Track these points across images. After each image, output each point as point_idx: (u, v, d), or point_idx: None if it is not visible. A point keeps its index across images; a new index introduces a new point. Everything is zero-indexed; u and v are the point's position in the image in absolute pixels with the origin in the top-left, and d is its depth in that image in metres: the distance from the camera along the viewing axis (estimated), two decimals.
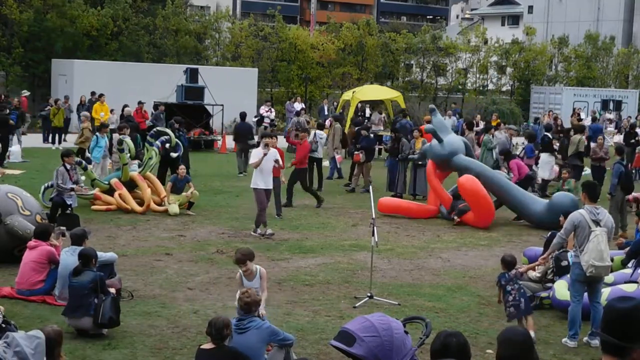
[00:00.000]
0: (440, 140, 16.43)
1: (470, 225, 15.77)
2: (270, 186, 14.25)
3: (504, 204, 16.52)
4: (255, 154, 14.20)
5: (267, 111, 29.52)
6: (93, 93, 28.88)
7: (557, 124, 27.33)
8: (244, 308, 7.13)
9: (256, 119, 28.68)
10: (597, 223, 8.69)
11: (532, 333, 9.00)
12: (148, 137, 17.80)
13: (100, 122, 23.71)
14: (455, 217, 16.00)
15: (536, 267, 10.30)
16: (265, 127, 28.21)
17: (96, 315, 8.45)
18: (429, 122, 23.02)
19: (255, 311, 7.17)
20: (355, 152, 20.27)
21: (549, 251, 9.62)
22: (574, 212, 9.04)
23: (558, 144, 21.61)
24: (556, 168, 20.60)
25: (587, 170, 21.11)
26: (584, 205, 8.99)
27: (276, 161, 14.16)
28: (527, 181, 17.84)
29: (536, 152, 20.72)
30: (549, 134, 21.56)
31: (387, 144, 20.14)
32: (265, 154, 13.80)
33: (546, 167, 20.36)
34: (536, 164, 20.59)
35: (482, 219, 15.69)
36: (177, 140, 18.37)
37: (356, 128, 21.84)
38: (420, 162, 18.36)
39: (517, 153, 20.67)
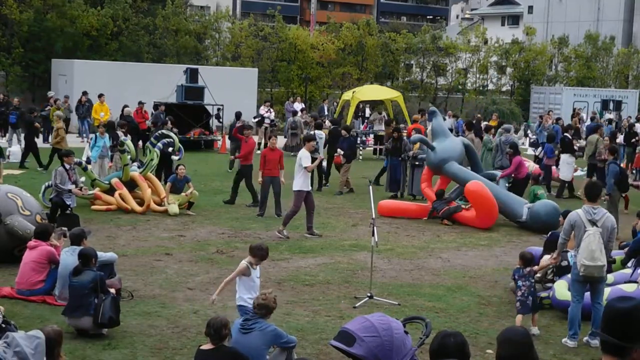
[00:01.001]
0: (432, 148, 16.49)
1: (470, 225, 15.78)
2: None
3: None
4: (306, 157, 14.01)
5: (266, 111, 29.47)
6: (85, 93, 28.78)
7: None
8: (255, 307, 7.18)
9: (256, 119, 28.63)
10: (593, 223, 8.71)
11: (535, 329, 9.06)
12: (151, 139, 17.79)
13: (98, 122, 23.69)
14: (445, 221, 16.03)
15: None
16: (266, 128, 28.20)
17: (96, 315, 8.45)
18: (416, 121, 23.11)
19: (266, 316, 7.18)
20: (336, 154, 20.14)
21: (557, 251, 9.65)
22: (572, 212, 9.10)
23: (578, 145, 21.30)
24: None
25: (579, 172, 20.94)
26: (583, 205, 9.02)
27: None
28: (526, 181, 17.81)
29: (556, 152, 20.55)
30: (568, 134, 21.22)
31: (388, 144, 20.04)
32: (322, 159, 13.83)
33: (567, 168, 20.05)
34: (556, 164, 20.41)
35: (483, 222, 15.72)
36: (180, 144, 18.38)
37: (332, 127, 21.61)
38: (417, 163, 18.36)
39: (536, 153, 20.46)
